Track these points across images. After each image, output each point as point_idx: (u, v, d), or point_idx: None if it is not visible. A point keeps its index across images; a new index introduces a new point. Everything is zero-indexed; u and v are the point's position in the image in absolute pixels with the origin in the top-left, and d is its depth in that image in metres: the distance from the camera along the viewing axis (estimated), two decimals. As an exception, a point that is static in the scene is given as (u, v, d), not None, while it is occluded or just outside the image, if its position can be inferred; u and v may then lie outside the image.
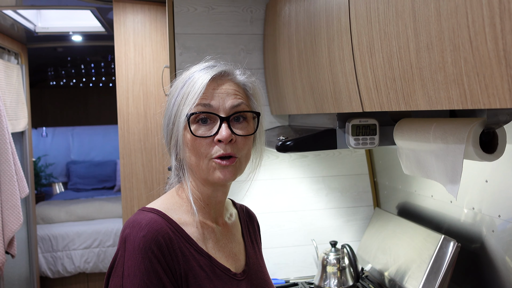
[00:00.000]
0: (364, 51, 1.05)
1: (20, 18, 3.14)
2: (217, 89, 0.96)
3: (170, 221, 0.94)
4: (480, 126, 0.95)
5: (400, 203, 1.93)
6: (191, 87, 0.95)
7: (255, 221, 1.21)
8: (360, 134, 1.39)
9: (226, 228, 1.07)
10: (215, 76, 0.96)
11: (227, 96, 0.96)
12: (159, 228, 0.90)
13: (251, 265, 1.07)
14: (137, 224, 0.90)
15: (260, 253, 1.17)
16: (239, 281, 1.00)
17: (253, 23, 2.03)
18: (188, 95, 0.95)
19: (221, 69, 0.98)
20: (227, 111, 0.95)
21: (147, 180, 3.19)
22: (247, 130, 0.98)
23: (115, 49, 3.21)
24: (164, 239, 0.89)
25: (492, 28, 0.63)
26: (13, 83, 3.38)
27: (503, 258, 1.32)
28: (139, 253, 0.86)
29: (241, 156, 0.97)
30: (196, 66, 1.00)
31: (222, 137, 0.93)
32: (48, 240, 4.37)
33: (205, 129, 0.95)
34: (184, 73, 1.01)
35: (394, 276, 1.65)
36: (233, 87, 0.98)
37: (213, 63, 1.00)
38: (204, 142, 0.94)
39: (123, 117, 3.18)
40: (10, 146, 2.90)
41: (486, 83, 0.67)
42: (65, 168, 6.50)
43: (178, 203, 1.00)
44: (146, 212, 0.94)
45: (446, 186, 1.03)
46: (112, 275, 0.89)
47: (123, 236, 0.90)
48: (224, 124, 0.94)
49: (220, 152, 0.94)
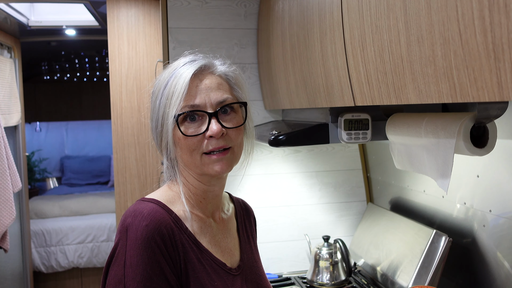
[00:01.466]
0: (356, 45, 1.05)
1: (13, 12, 3.11)
2: (200, 85, 0.95)
3: (170, 212, 0.94)
4: (471, 121, 0.95)
5: (392, 198, 1.94)
6: (174, 87, 0.94)
7: (251, 215, 1.21)
8: (353, 129, 1.39)
9: (222, 223, 1.07)
10: (196, 72, 0.96)
11: (211, 91, 0.96)
12: (162, 219, 0.89)
13: (246, 261, 1.07)
14: (139, 213, 0.89)
15: (256, 248, 1.17)
16: (234, 276, 1.00)
17: (247, 17, 2.02)
18: (172, 96, 0.94)
19: (201, 63, 0.97)
20: (214, 106, 0.95)
21: (141, 175, 3.18)
22: (237, 121, 0.98)
23: (109, 43, 3.19)
24: (167, 229, 0.89)
25: (481, 21, 0.63)
26: (6, 77, 3.35)
27: (494, 253, 1.33)
28: (142, 243, 0.85)
29: (234, 146, 0.97)
30: (175, 63, 1.00)
31: (213, 133, 0.93)
32: (41, 235, 4.35)
33: (195, 126, 0.94)
34: (165, 71, 1.00)
35: (386, 270, 1.65)
36: (215, 80, 0.98)
37: (192, 58, 0.99)
38: (195, 140, 0.94)
39: (117, 112, 3.16)
40: (3, 140, 2.89)
41: (475, 76, 0.67)
42: (59, 163, 6.48)
43: (175, 196, 0.99)
44: (147, 202, 0.94)
45: (437, 181, 1.03)
46: (113, 264, 0.87)
47: (124, 225, 0.88)
48: (213, 120, 0.94)
49: (213, 147, 0.94)
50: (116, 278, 0.85)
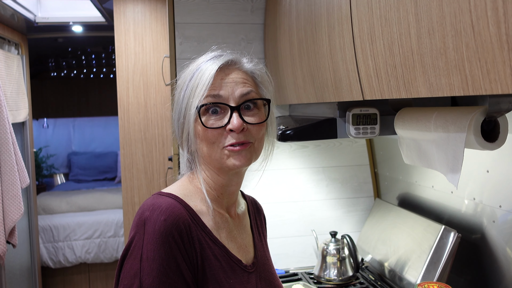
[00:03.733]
0: (365, 38, 1.03)
1: (20, 8, 3.12)
2: (225, 78, 0.95)
3: (188, 207, 0.93)
4: (482, 115, 0.94)
5: (400, 194, 1.92)
6: (199, 79, 0.94)
7: (262, 213, 1.21)
8: (361, 124, 1.38)
9: (237, 219, 1.06)
10: (222, 66, 0.95)
11: (236, 85, 0.95)
12: (180, 214, 0.89)
13: (259, 258, 1.06)
14: (158, 207, 0.88)
15: (266, 246, 1.16)
16: (250, 273, 0.99)
17: (253, 12, 2.01)
18: (196, 87, 0.93)
19: (228, 58, 0.97)
20: (237, 100, 0.94)
21: (148, 170, 3.18)
22: (259, 118, 0.97)
23: (115, 39, 3.19)
24: (184, 225, 0.88)
25: (494, 12, 0.62)
26: (13, 73, 3.37)
27: (504, 249, 1.32)
28: (160, 237, 0.84)
29: (255, 141, 0.96)
30: (202, 57, 0.99)
31: (234, 127, 0.92)
32: (49, 230, 4.38)
33: (216, 119, 0.94)
34: (191, 65, 1.00)
35: (394, 266, 1.64)
36: (241, 76, 0.97)
37: (219, 53, 0.99)
38: (215, 133, 0.93)
39: (124, 107, 3.17)
40: (11, 136, 2.90)
41: (488, 68, 0.65)
42: (66, 159, 6.51)
43: (192, 191, 0.98)
44: (164, 196, 0.93)
45: (447, 175, 1.02)
46: (128, 257, 0.86)
47: (141, 219, 0.87)
48: (235, 114, 0.93)
49: (233, 141, 0.93)
50: (132, 271, 0.84)
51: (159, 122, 3.15)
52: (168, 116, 3.10)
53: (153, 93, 3.14)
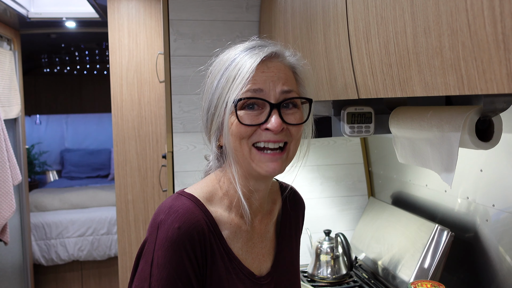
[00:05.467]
0: (361, 37, 1.03)
1: (12, 3, 3.09)
2: (266, 72, 0.88)
3: (207, 214, 0.88)
4: (476, 114, 0.94)
5: (394, 193, 1.93)
6: (238, 70, 0.87)
7: (301, 208, 1.15)
8: (356, 122, 1.38)
9: (260, 226, 1.00)
10: (265, 58, 0.88)
11: (278, 81, 0.88)
12: (196, 222, 0.85)
13: (279, 265, 1.02)
14: (174, 212, 0.84)
15: (297, 248, 1.10)
16: (262, 285, 0.96)
17: (248, 9, 2.00)
18: (234, 79, 0.87)
19: (271, 50, 0.90)
20: (278, 97, 0.87)
21: (141, 168, 3.17)
22: (299, 118, 0.90)
23: (109, 35, 3.17)
24: (199, 234, 0.85)
25: (491, 11, 0.62)
26: (5, 69, 3.34)
27: (496, 248, 1.32)
28: (171, 245, 0.82)
29: (291, 142, 0.90)
30: (240, 46, 0.92)
31: (273, 127, 0.86)
32: (41, 227, 4.36)
33: (253, 115, 0.87)
34: (227, 53, 0.92)
35: (388, 265, 1.65)
36: (283, 71, 0.90)
37: (261, 42, 0.92)
38: (249, 128, 0.87)
39: (117, 104, 3.15)
40: (3, 133, 2.88)
41: (484, 68, 0.65)
42: (59, 156, 6.48)
43: (218, 195, 0.93)
44: (184, 198, 0.88)
45: (441, 175, 1.02)
46: (142, 258, 0.85)
47: (156, 221, 0.85)
48: (274, 112, 0.86)
49: (268, 139, 0.87)
50: (143, 275, 0.84)
51: (153, 119, 3.14)
52: (162, 113, 3.09)
53: (147, 90, 3.13)
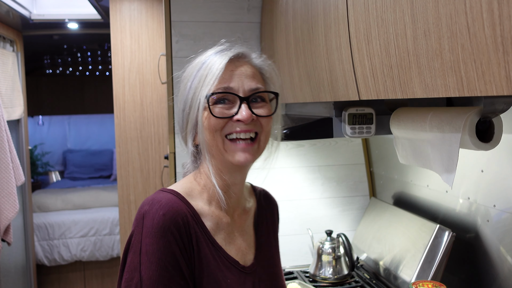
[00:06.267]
0: (361, 38, 1.04)
1: (15, 5, 3.10)
2: (235, 70, 0.95)
3: (189, 205, 0.93)
4: (477, 115, 0.94)
5: (396, 193, 1.93)
6: (209, 70, 0.94)
7: (275, 208, 1.19)
8: (357, 123, 1.39)
9: (240, 220, 1.05)
10: (233, 58, 0.96)
11: (246, 78, 0.95)
12: (179, 209, 0.89)
13: (261, 259, 1.05)
14: (157, 202, 0.88)
15: (276, 243, 1.14)
16: (247, 274, 0.99)
17: (250, 11, 2.01)
18: (206, 77, 0.93)
19: (238, 51, 0.97)
20: (246, 92, 0.94)
21: (143, 169, 3.18)
22: (267, 111, 0.97)
23: (111, 36, 3.18)
24: (183, 220, 0.88)
25: (490, 14, 0.63)
26: (8, 70, 3.35)
27: (498, 248, 1.33)
28: (158, 231, 0.85)
29: (262, 134, 0.97)
30: (210, 50, 0.99)
31: (243, 117, 0.92)
32: (44, 228, 4.37)
33: (224, 108, 0.94)
34: (198, 58, 0.99)
35: (389, 265, 1.65)
36: (250, 69, 0.97)
37: (229, 45, 0.99)
38: (222, 121, 0.93)
39: (119, 106, 3.16)
40: (6, 134, 2.89)
41: (483, 70, 0.66)
42: (62, 157, 6.49)
43: (196, 190, 0.98)
44: (165, 192, 0.93)
45: (442, 175, 1.02)
46: (129, 252, 0.87)
47: (141, 213, 0.88)
48: (243, 105, 0.93)
49: (240, 129, 0.93)
50: (133, 265, 0.85)
51: (155, 120, 3.15)
52: (165, 114, 3.10)
53: (149, 91, 3.14)
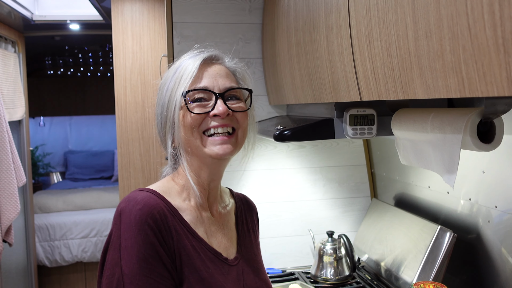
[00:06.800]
0: (363, 40, 1.04)
1: (17, 6, 3.11)
2: (209, 71, 0.99)
3: (166, 201, 0.95)
4: (478, 116, 0.95)
5: (397, 194, 1.93)
6: (183, 71, 0.98)
7: (254, 210, 1.21)
8: (358, 124, 1.39)
9: (219, 217, 1.07)
10: (206, 59, 1.00)
11: (220, 77, 0.99)
12: (155, 204, 0.91)
13: (244, 254, 1.07)
14: (133, 199, 0.91)
15: (256, 242, 1.17)
16: (230, 266, 1.00)
17: (251, 12, 2.01)
18: (181, 78, 0.97)
19: (211, 53, 1.02)
20: (221, 90, 0.98)
21: (145, 170, 3.18)
22: (243, 107, 1.01)
23: (113, 38, 3.19)
24: (160, 214, 0.90)
25: (491, 15, 0.63)
26: (10, 71, 3.36)
27: (499, 249, 1.33)
28: (136, 225, 0.87)
29: (239, 129, 0.99)
30: (184, 55, 1.04)
31: (219, 112, 0.95)
32: (45, 229, 4.37)
33: (201, 106, 0.97)
34: (174, 64, 1.04)
35: (391, 266, 1.65)
36: (224, 70, 1.02)
37: (202, 48, 1.04)
38: (198, 117, 0.96)
39: (121, 107, 3.16)
40: (7, 135, 2.90)
41: (484, 71, 0.66)
42: (63, 158, 6.50)
43: (174, 189, 1.00)
44: (142, 191, 0.95)
45: (443, 176, 1.03)
46: (109, 249, 0.89)
47: (118, 211, 0.90)
48: (219, 100, 0.96)
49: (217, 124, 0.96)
50: (113, 261, 0.86)
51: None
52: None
53: (150, 93, 3.14)
